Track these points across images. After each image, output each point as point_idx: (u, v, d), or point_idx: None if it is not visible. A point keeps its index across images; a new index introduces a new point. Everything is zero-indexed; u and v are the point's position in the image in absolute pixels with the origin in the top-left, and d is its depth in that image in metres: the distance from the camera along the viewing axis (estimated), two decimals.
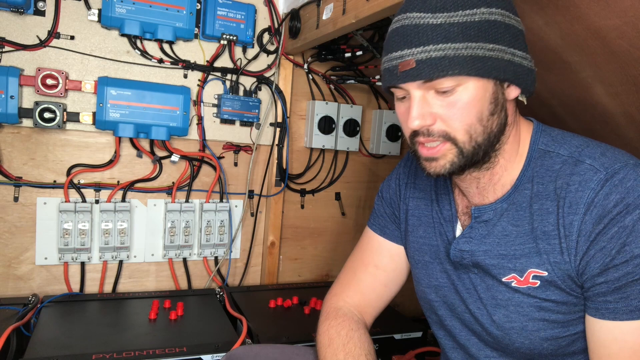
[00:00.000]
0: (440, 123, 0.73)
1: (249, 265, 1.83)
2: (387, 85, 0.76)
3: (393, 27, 0.74)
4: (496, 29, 0.70)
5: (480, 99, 0.72)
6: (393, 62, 0.73)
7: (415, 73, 0.70)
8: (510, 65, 0.72)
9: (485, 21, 0.69)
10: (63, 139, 1.52)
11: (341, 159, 1.94)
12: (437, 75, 0.69)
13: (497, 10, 0.71)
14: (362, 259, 1.04)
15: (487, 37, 0.69)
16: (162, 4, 1.52)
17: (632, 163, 0.71)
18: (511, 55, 0.72)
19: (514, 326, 0.79)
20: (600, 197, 0.69)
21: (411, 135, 0.77)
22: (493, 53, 0.70)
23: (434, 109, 0.73)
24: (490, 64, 0.70)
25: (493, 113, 0.73)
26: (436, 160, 0.76)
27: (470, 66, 0.69)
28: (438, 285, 0.92)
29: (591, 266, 0.70)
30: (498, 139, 0.76)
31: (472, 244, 0.83)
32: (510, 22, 0.72)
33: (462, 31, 0.69)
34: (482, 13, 0.69)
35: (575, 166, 0.73)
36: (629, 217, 0.67)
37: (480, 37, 0.69)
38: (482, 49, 0.69)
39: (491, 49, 0.70)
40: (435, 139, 0.74)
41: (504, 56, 0.71)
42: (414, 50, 0.70)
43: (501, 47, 0.71)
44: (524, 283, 0.77)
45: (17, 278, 1.51)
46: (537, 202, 0.76)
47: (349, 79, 1.83)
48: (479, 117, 0.72)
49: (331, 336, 0.92)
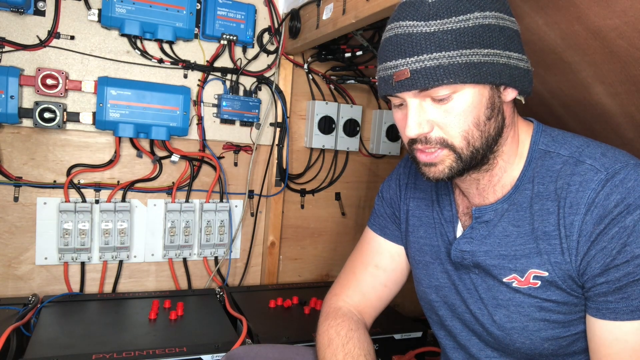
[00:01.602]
0: (438, 130, 0.73)
1: (249, 265, 1.83)
2: (383, 94, 0.77)
3: (386, 36, 0.74)
4: (490, 33, 0.70)
5: (476, 105, 0.72)
6: (388, 72, 0.73)
7: (410, 83, 0.70)
8: (506, 69, 0.72)
9: (479, 26, 0.69)
10: (63, 139, 1.52)
11: (341, 159, 1.94)
12: (432, 85, 0.69)
13: (491, 13, 0.70)
14: (362, 259, 1.04)
15: (481, 43, 0.69)
16: (162, 4, 1.52)
17: (633, 163, 0.71)
18: (506, 58, 0.72)
19: (515, 326, 0.79)
20: (601, 197, 0.69)
21: (409, 143, 0.77)
22: (488, 58, 0.70)
23: (430, 117, 0.73)
24: (485, 70, 0.70)
25: (490, 117, 0.73)
26: (435, 166, 0.76)
27: (465, 74, 0.69)
28: (439, 286, 0.92)
29: (592, 266, 0.70)
30: (496, 141, 0.76)
31: (473, 245, 0.83)
32: (505, 24, 0.72)
33: (456, 38, 0.68)
34: (475, 18, 0.69)
35: (575, 166, 0.73)
36: (629, 218, 0.67)
37: (474, 43, 0.69)
38: (477, 55, 0.69)
39: (486, 54, 0.70)
40: (433, 147, 0.74)
41: (500, 60, 0.71)
42: (408, 60, 0.70)
43: (496, 51, 0.70)
44: (524, 283, 0.77)
45: (17, 278, 1.51)
46: (538, 203, 0.76)
47: (349, 79, 1.83)
48: (476, 123, 0.72)
49: (331, 336, 0.92)
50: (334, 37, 1.47)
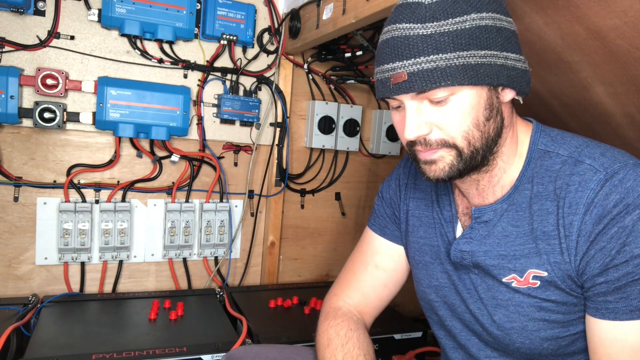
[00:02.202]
0: (437, 131, 0.73)
1: (249, 265, 1.83)
2: (380, 96, 0.77)
3: (383, 38, 0.74)
4: (487, 34, 0.69)
5: (475, 106, 0.72)
6: (385, 74, 0.73)
7: (408, 85, 0.70)
8: (504, 70, 0.71)
9: (476, 27, 0.69)
10: (63, 139, 1.52)
11: (341, 159, 1.94)
12: (430, 87, 0.69)
13: (487, 14, 0.70)
14: (362, 259, 1.04)
15: (478, 44, 0.69)
16: (162, 4, 1.52)
17: (632, 163, 0.71)
18: (504, 59, 0.71)
19: (514, 326, 0.79)
20: (600, 197, 0.69)
21: (408, 145, 0.77)
22: (485, 59, 0.70)
23: (428, 118, 0.73)
24: (482, 71, 0.70)
25: (489, 118, 0.73)
26: (435, 164, 0.76)
27: (462, 76, 0.69)
28: (438, 286, 0.92)
29: (591, 266, 0.70)
30: (495, 142, 0.76)
31: (473, 245, 0.83)
32: (502, 24, 0.72)
33: (452, 40, 0.68)
34: (472, 19, 0.69)
35: (575, 166, 0.73)
36: (628, 217, 0.67)
37: (471, 44, 0.69)
38: (474, 57, 0.69)
39: (483, 56, 0.69)
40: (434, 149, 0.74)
41: (497, 61, 0.71)
42: (405, 63, 0.70)
43: (493, 52, 0.70)
44: (524, 283, 0.77)
45: (17, 278, 1.51)
46: (537, 203, 0.76)
47: (349, 79, 1.83)
48: (476, 124, 0.73)
49: (330, 336, 0.92)
50: (334, 37, 1.47)
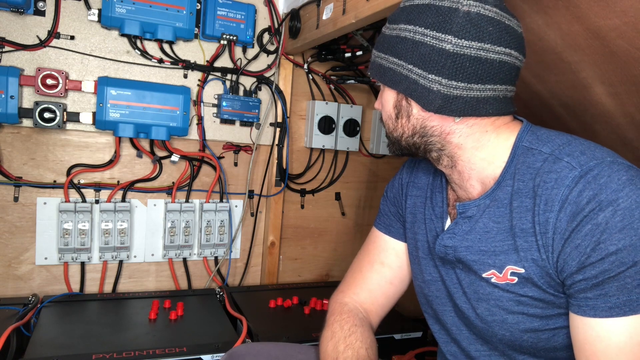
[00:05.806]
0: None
1: (249, 265, 1.83)
2: None
3: None
4: (402, 45, 0.77)
5: (387, 102, 0.84)
6: None
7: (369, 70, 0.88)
8: (405, 80, 0.78)
9: (395, 36, 0.79)
10: (63, 139, 1.52)
11: (341, 159, 1.94)
12: (371, 75, 0.86)
13: (413, 27, 0.76)
14: (368, 257, 1.06)
15: (393, 52, 0.79)
16: (162, 4, 1.52)
17: (609, 160, 0.70)
18: (408, 71, 0.77)
19: (495, 319, 0.81)
20: (574, 194, 0.69)
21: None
22: (394, 66, 0.79)
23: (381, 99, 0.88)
24: (389, 75, 0.80)
25: (397, 117, 0.83)
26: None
27: (380, 73, 0.82)
28: (431, 280, 0.94)
29: (568, 264, 0.70)
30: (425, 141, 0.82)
31: (455, 240, 0.84)
32: (424, 40, 0.75)
33: (382, 42, 0.82)
34: (399, 29, 0.79)
35: (553, 164, 0.73)
36: (602, 215, 0.66)
37: (389, 50, 0.80)
38: (386, 61, 0.81)
39: (393, 62, 0.79)
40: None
41: (402, 71, 0.78)
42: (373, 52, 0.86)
43: (401, 62, 0.78)
44: (502, 279, 0.78)
45: (17, 278, 1.51)
46: (517, 199, 0.76)
47: (349, 79, 1.83)
48: (389, 116, 0.85)
49: (334, 330, 0.94)
50: (334, 37, 1.47)
